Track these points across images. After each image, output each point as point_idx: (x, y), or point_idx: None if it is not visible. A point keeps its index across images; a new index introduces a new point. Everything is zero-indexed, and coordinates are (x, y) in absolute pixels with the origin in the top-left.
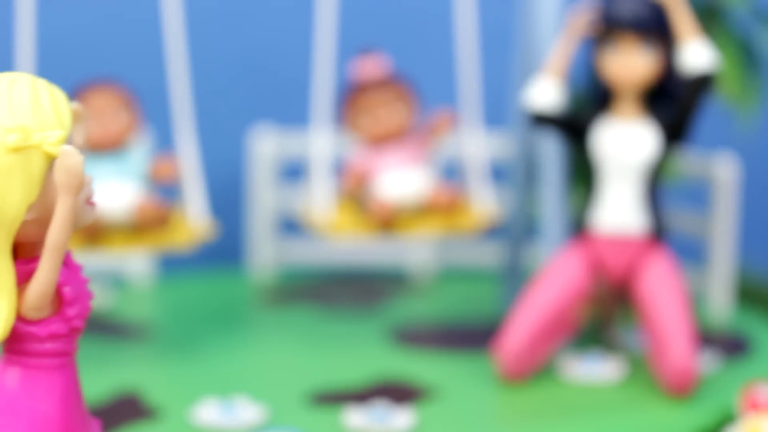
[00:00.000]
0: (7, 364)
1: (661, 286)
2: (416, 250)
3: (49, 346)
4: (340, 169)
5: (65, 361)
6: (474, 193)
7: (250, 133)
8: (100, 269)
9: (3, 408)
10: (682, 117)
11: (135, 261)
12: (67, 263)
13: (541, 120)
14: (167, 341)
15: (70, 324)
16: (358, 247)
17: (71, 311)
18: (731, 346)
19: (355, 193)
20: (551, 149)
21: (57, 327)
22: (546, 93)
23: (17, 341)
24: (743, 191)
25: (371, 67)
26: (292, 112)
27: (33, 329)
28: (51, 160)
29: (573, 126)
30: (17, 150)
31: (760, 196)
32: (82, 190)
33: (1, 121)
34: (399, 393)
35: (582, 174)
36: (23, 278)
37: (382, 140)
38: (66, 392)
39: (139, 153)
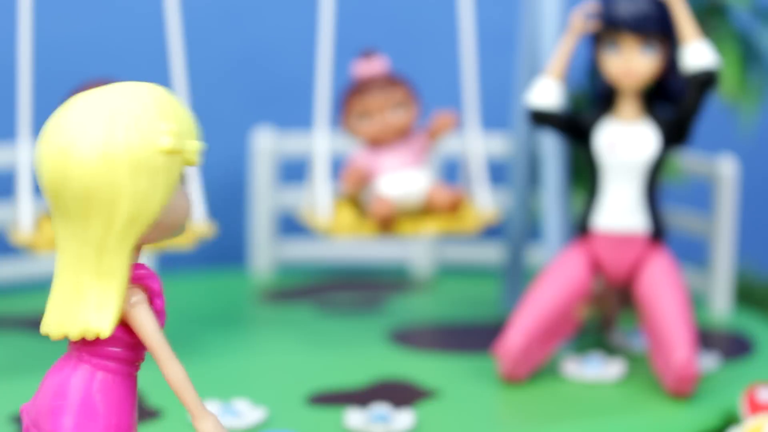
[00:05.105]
0: (81, 362)
1: (661, 286)
2: (416, 250)
3: (130, 352)
4: (340, 169)
5: (135, 370)
6: (474, 194)
7: (250, 133)
8: None
9: (82, 410)
10: (684, 117)
11: None
12: (152, 277)
13: (541, 120)
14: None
15: None
16: (358, 247)
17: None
18: (732, 346)
19: (355, 194)
20: (552, 149)
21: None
22: (547, 93)
23: (103, 342)
24: (744, 191)
25: (372, 67)
26: (293, 113)
27: (122, 335)
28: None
29: (574, 126)
30: (168, 153)
31: (760, 196)
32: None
33: (157, 124)
34: (399, 393)
35: (583, 174)
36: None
37: (382, 141)
38: (134, 403)
39: None
